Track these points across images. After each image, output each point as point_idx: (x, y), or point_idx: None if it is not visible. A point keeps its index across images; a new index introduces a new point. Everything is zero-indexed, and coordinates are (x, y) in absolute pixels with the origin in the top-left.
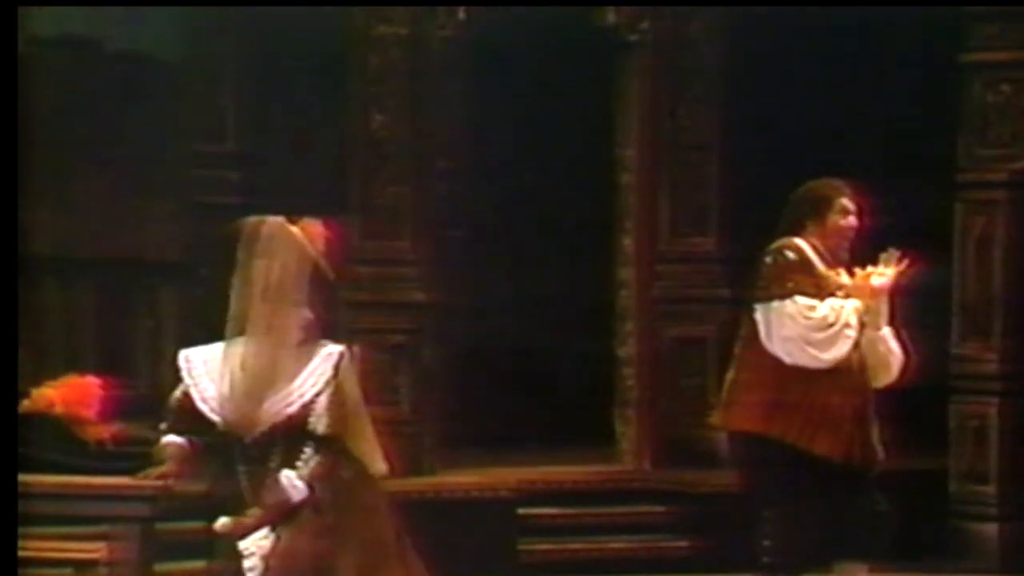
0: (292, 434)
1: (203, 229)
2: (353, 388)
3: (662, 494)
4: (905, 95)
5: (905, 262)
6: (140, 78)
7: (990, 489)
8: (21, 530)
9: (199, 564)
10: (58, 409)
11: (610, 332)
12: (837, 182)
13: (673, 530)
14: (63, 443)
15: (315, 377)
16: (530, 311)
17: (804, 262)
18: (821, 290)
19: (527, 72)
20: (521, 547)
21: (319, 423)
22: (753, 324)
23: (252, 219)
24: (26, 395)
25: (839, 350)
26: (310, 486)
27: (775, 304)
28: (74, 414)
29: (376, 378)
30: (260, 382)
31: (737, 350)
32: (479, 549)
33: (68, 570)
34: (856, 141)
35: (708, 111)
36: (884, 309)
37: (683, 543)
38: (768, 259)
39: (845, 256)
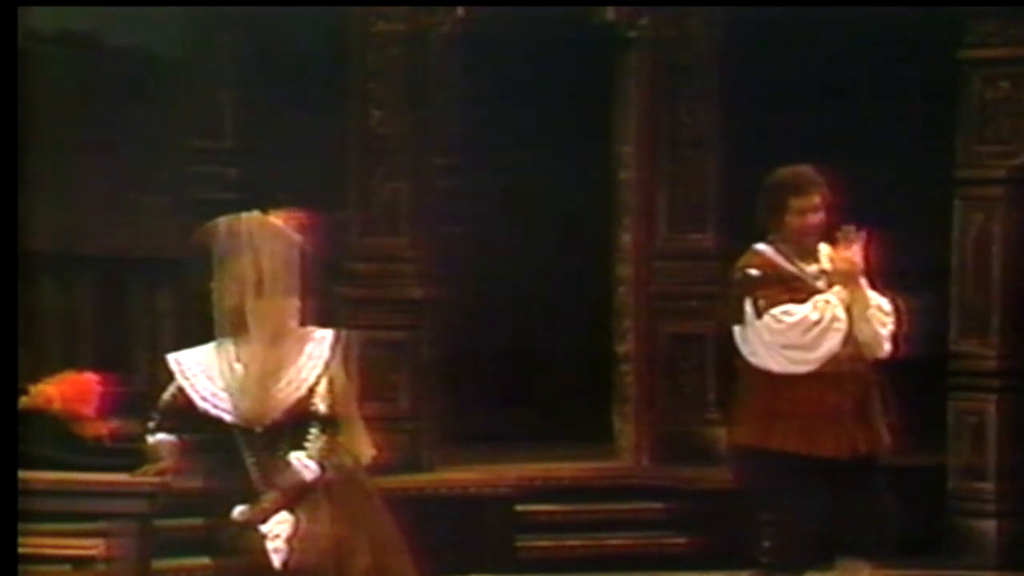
0: (299, 418)
1: (201, 225)
2: (341, 371)
3: (660, 491)
4: (904, 92)
5: (862, 235)
6: (139, 74)
7: (988, 485)
8: (19, 526)
9: (197, 561)
10: (56, 406)
11: (608, 329)
12: (795, 178)
13: (671, 527)
14: (61, 440)
15: (314, 360)
16: (528, 307)
17: (771, 275)
18: (797, 292)
19: (525, 68)
20: (519, 543)
21: (322, 403)
22: None
23: (225, 219)
24: (24, 392)
25: (829, 345)
26: (320, 465)
27: (751, 324)
28: (72, 411)
29: (374, 375)
30: (268, 373)
31: (737, 362)
32: (477, 545)
33: (66, 567)
34: (854, 137)
35: (706, 107)
36: (865, 285)
37: (681, 540)
38: (737, 277)
39: (815, 247)
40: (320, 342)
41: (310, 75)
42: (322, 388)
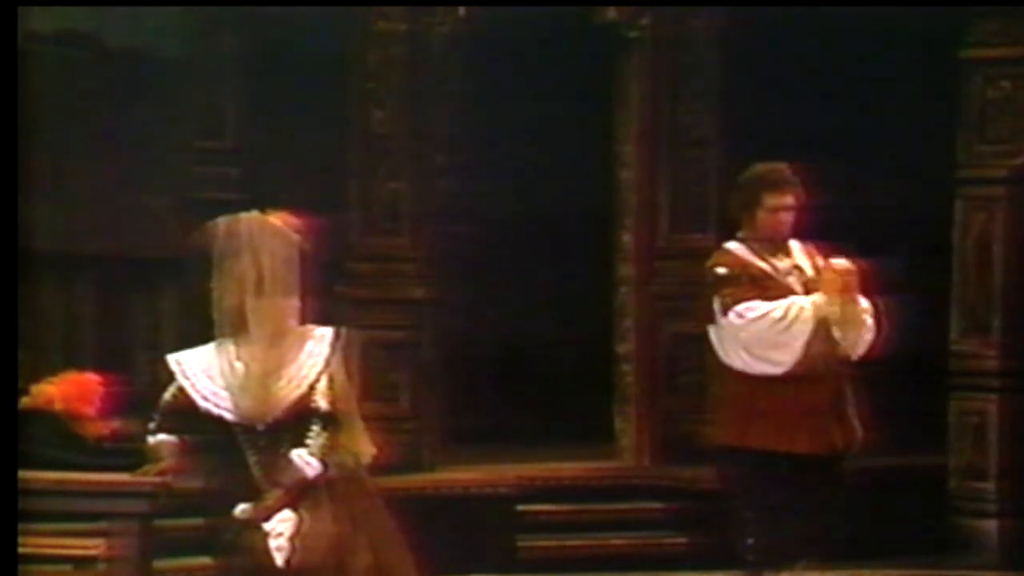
0: (300, 415)
1: (201, 225)
2: (341, 368)
3: (661, 490)
4: (905, 91)
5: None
6: (140, 74)
7: (989, 485)
8: (20, 526)
9: (198, 560)
10: (58, 405)
11: (609, 328)
12: (771, 174)
13: (672, 526)
14: (62, 439)
15: (314, 358)
16: (529, 307)
17: (739, 274)
18: (768, 289)
19: (526, 68)
20: (520, 543)
21: (323, 400)
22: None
23: (224, 219)
24: (26, 391)
25: (794, 347)
26: (322, 462)
27: (721, 321)
28: (74, 410)
29: (374, 375)
30: (268, 371)
31: (712, 362)
32: (478, 545)
33: (67, 566)
34: (855, 137)
35: (707, 107)
36: (860, 302)
37: (682, 539)
38: (708, 279)
39: (786, 243)
40: (320, 340)
41: (310, 75)
42: (322, 385)
